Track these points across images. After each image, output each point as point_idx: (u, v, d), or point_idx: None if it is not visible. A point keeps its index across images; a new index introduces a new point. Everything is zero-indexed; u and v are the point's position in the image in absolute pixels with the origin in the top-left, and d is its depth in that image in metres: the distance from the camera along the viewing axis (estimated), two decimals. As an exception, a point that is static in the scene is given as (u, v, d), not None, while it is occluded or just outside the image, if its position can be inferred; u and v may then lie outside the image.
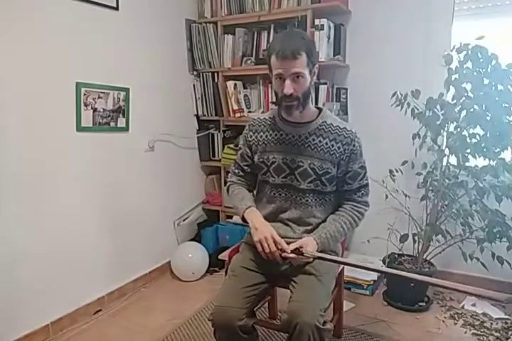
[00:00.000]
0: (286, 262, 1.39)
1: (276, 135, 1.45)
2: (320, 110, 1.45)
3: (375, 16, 2.44)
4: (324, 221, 1.45)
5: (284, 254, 1.30)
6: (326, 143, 1.39)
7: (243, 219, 1.45)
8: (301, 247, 1.30)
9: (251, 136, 1.51)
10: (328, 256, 1.32)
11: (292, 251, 1.29)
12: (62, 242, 1.97)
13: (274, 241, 1.30)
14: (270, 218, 1.47)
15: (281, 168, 1.43)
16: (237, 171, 1.58)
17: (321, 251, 1.35)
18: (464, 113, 1.95)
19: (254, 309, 1.39)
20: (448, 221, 2.18)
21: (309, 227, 1.44)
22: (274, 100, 1.42)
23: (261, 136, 1.48)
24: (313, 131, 1.40)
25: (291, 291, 1.34)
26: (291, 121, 1.43)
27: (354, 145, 1.40)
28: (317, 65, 1.36)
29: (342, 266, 1.77)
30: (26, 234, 1.82)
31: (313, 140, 1.40)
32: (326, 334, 1.21)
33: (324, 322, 1.21)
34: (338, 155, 1.39)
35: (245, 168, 1.55)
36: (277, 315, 2.04)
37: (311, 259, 1.33)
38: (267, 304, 2.01)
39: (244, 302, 1.31)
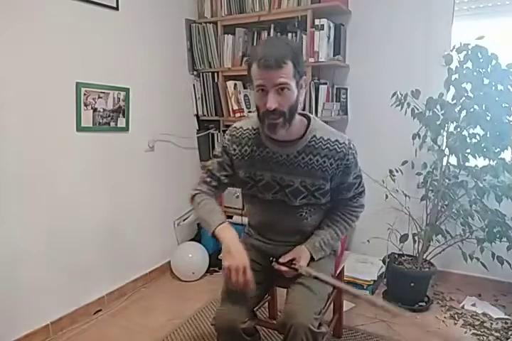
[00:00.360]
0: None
1: (262, 152, 1.30)
2: (308, 120, 1.30)
3: (375, 16, 2.44)
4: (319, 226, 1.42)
5: (276, 266, 1.24)
6: (317, 161, 1.26)
7: (213, 235, 1.27)
8: (294, 259, 1.25)
9: (234, 150, 1.34)
10: (321, 275, 1.27)
11: (285, 264, 1.25)
12: (62, 242, 1.97)
13: (244, 273, 1.17)
14: (263, 228, 1.44)
15: (271, 185, 1.32)
16: (209, 180, 1.38)
17: (317, 259, 1.34)
18: (464, 113, 1.95)
19: (254, 309, 1.39)
20: (448, 221, 2.18)
21: (305, 236, 1.40)
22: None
23: (245, 150, 1.32)
24: (303, 150, 1.27)
25: (287, 293, 1.33)
26: (277, 140, 1.28)
27: (348, 160, 1.28)
28: (305, 77, 1.21)
29: (340, 266, 1.77)
30: (26, 234, 1.82)
31: (303, 158, 1.27)
32: (320, 336, 1.21)
33: (320, 325, 1.21)
34: (330, 171, 1.28)
35: (222, 178, 1.38)
36: (277, 315, 2.04)
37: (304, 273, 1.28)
38: (266, 304, 2.01)
39: (246, 304, 1.29)
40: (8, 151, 1.72)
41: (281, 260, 1.24)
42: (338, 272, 1.68)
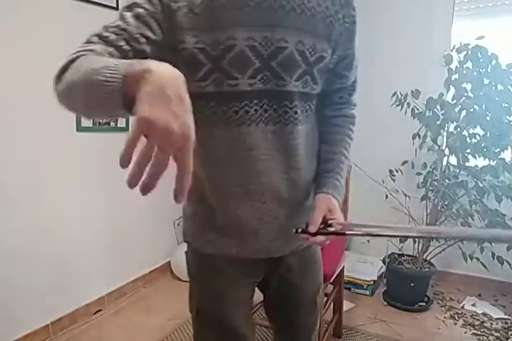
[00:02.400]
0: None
1: None
2: None
3: (375, 17, 2.44)
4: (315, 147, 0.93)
5: (311, 240, 0.78)
6: (319, 4, 0.79)
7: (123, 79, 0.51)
8: (325, 218, 0.81)
9: None
10: (375, 230, 0.87)
11: (320, 232, 0.78)
12: (61, 242, 1.97)
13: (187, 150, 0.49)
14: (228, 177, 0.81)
15: (247, 59, 0.75)
16: (111, 37, 0.71)
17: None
18: (464, 113, 1.96)
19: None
20: (448, 221, 2.18)
21: (296, 168, 0.85)
22: None
23: None
24: None
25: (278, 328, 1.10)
26: None
27: (354, 10, 0.85)
28: None
29: (340, 266, 1.77)
30: (26, 234, 1.82)
31: None
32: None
33: None
34: (336, 25, 0.82)
35: (141, 40, 0.70)
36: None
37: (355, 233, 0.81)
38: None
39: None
40: (8, 151, 1.72)
41: (311, 228, 0.78)
42: (338, 272, 1.68)
